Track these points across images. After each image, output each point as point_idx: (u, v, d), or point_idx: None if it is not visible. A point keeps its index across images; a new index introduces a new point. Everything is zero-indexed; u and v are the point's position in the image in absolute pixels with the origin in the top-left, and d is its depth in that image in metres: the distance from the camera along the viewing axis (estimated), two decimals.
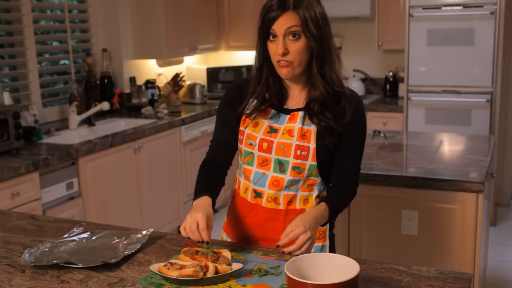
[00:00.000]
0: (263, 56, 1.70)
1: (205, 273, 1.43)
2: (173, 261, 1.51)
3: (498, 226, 4.43)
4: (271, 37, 1.63)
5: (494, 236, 4.10)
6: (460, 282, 1.42)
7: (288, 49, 1.61)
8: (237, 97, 1.78)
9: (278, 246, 1.55)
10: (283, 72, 1.66)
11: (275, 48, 1.63)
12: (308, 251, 1.54)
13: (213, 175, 1.78)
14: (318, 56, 1.64)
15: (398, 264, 1.55)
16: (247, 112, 1.74)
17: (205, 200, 1.66)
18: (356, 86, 5.09)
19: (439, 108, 4.44)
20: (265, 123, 1.72)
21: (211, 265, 1.45)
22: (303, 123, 1.69)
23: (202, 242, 1.55)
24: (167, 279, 1.44)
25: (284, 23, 1.59)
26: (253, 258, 1.59)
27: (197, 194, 1.70)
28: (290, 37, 1.60)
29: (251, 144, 1.72)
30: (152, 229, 1.77)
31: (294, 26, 1.59)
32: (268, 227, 1.75)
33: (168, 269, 1.45)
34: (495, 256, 3.80)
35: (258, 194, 1.74)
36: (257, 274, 1.48)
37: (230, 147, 1.81)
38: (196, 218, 1.55)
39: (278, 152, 1.69)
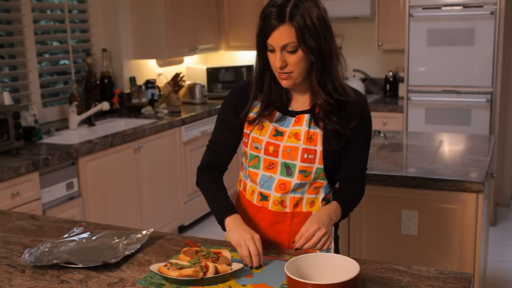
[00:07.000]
0: (263, 63, 1.66)
1: (205, 273, 1.43)
2: (173, 261, 1.51)
3: (498, 226, 4.43)
4: (269, 48, 1.60)
5: (494, 236, 4.10)
6: (460, 282, 1.42)
7: (286, 61, 1.58)
8: (241, 100, 1.74)
9: (296, 249, 1.53)
10: (283, 83, 1.64)
11: (273, 60, 1.60)
12: (325, 247, 1.54)
13: (222, 184, 1.75)
14: (317, 67, 1.61)
15: (398, 264, 1.55)
16: (251, 117, 1.71)
17: (241, 219, 1.63)
18: (356, 86, 5.05)
19: (439, 108, 4.44)
20: (270, 126, 1.69)
21: (211, 265, 1.45)
22: (309, 126, 1.66)
23: (252, 267, 1.52)
24: (167, 279, 1.44)
25: (280, 39, 1.55)
26: None
27: (226, 210, 1.65)
28: (288, 49, 1.57)
29: (256, 148, 1.70)
30: (152, 229, 1.77)
31: (290, 44, 1.55)
32: (274, 230, 1.73)
33: (168, 269, 1.45)
34: (495, 256, 3.79)
35: (264, 197, 1.72)
36: (257, 274, 1.48)
37: (230, 151, 1.78)
38: (254, 241, 1.52)
39: (284, 156, 1.67)
